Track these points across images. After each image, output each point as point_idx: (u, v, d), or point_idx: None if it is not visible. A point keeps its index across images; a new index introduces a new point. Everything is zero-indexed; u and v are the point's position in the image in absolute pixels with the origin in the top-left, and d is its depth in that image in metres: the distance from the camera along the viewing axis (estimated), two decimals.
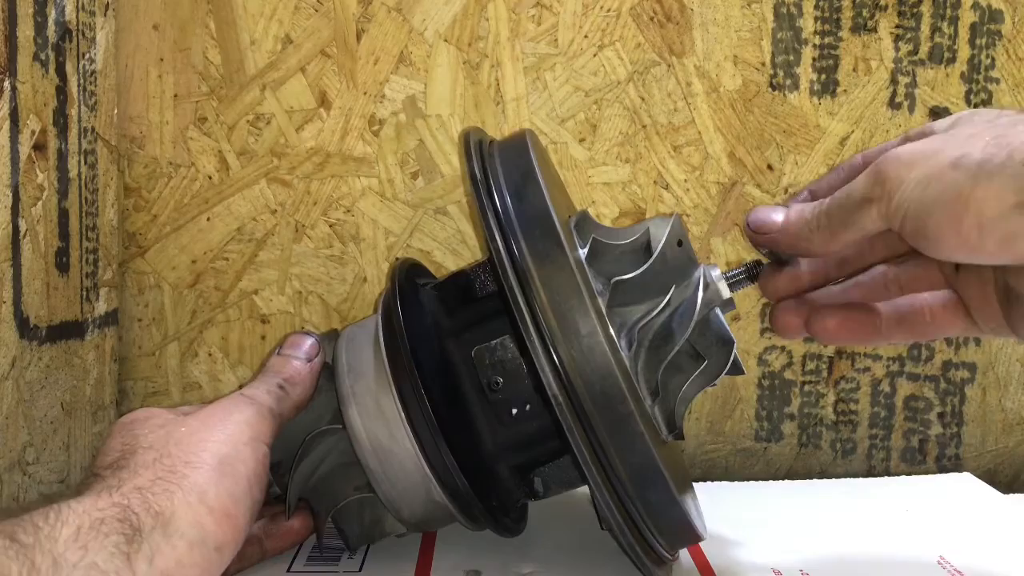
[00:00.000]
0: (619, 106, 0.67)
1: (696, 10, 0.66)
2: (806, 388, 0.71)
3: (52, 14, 0.54)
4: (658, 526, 0.43)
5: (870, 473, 0.72)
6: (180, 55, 0.65)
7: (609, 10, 0.66)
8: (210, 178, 0.66)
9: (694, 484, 0.54)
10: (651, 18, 0.67)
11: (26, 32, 0.51)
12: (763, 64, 0.68)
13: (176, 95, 0.66)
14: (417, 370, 0.46)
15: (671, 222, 0.46)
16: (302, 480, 0.49)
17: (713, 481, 0.68)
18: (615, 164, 0.68)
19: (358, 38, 0.66)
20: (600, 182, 0.68)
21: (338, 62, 0.66)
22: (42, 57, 0.53)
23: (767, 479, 0.70)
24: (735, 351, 0.45)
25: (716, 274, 0.46)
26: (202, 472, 0.39)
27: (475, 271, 0.52)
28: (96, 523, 0.35)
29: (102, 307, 0.62)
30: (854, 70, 0.68)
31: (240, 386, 0.48)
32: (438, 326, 0.50)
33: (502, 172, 0.45)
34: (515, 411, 0.47)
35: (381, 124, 0.67)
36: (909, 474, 0.71)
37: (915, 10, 0.67)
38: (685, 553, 0.52)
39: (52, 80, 0.54)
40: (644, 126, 0.68)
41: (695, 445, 0.71)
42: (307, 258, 0.68)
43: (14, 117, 0.50)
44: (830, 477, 0.71)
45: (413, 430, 0.46)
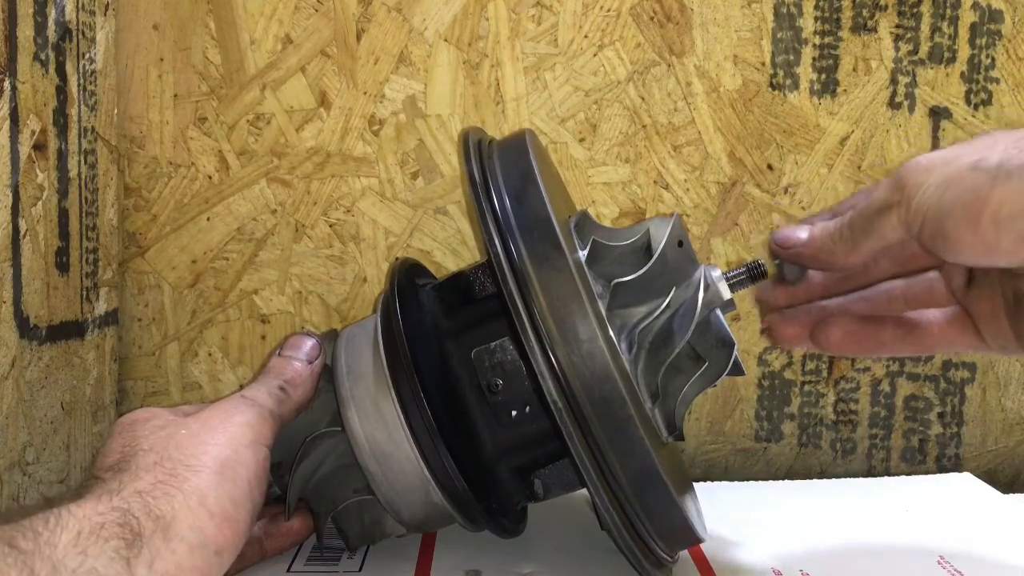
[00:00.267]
0: (619, 106, 0.67)
1: (696, 10, 0.66)
2: (806, 388, 0.71)
3: (52, 14, 0.54)
4: (657, 529, 0.43)
5: (870, 473, 0.72)
6: (180, 55, 0.65)
7: (609, 10, 0.66)
8: (210, 178, 0.66)
9: (694, 484, 0.54)
10: (651, 18, 0.67)
11: (26, 32, 0.51)
12: (763, 64, 0.67)
13: (176, 95, 0.66)
14: (416, 372, 0.46)
15: (671, 223, 0.45)
16: (302, 481, 0.49)
17: (713, 481, 0.68)
18: (615, 164, 0.68)
19: (358, 38, 0.66)
20: (600, 182, 0.68)
21: (338, 62, 0.66)
22: (42, 57, 0.53)
23: (767, 479, 0.70)
24: (736, 352, 0.45)
25: (716, 275, 0.46)
26: (203, 475, 0.39)
27: (475, 272, 0.52)
28: (96, 528, 0.35)
29: (102, 307, 0.62)
30: (854, 70, 0.68)
31: (240, 387, 0.48)
32: (437, 327, 0.50)
33: (501, 174, 0.45)
34: (515, 413, 0.47)
35: (381, 124, 0.67)
36: (909, 474, 0.71)
37: (915, 10, 0.67)
38: (685, 553, 0.52)
39: (52, 80, 0.54)
40: (644, 126, 0.68)
41: (695, 445, 0.71)
42: (307, 258, 0.68)
43: (14, 117, 0.50)
44: (830, 477, 0.71)
45: (412, 433, 0.46)
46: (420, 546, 0.54)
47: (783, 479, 0.71)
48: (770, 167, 0.69)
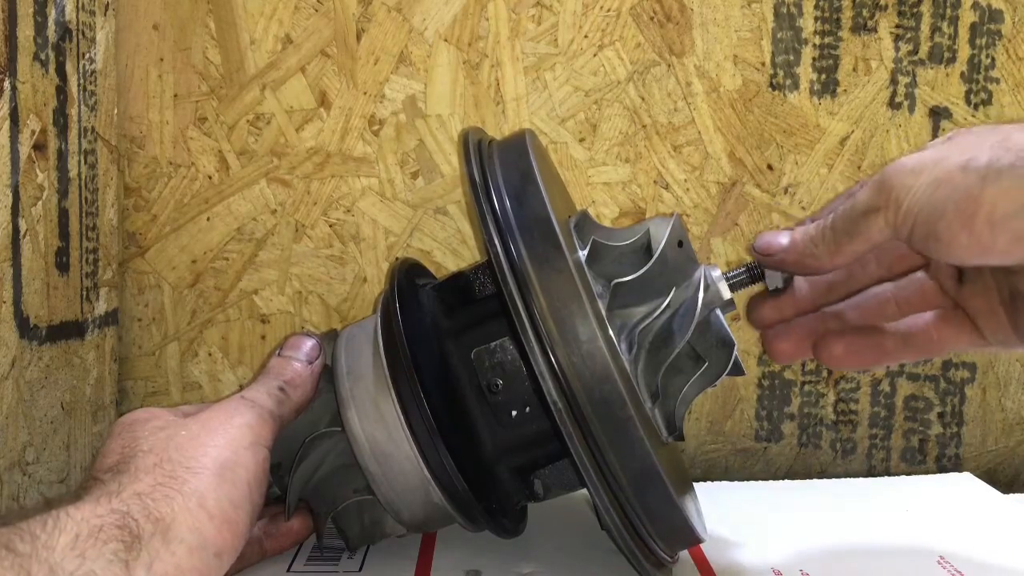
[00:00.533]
0: (619, 106, 0.67)
1: (696, 10, 0.66)
2: (806, 388, 0.71)
3: (52, 14, 0.54)
4: (657, 530, 0.43)
5: (870, 473, 0.72)
6: (180, 55, 0.65)
7: (609, 10, 0.66)
8: (210, 178, 0.66)
9: (694, 484, 0.54)
10: (651, 18, 0.67)
11: (26, 32, 0.51)
12: (763, 64, 0.67)
13: (176, 95, 0.66)
14: (416, 372, 0.46)
15: (671, 222, 0.45)
16: (301, 482, 0.49)
17: (713, 481, 0.68)
18: (615, 164, 0.68)
19: (358, 38, 0.66)
20: (600, 182, 0.68)
21: (338, 62, 0.66)
22: (42, 57, 0.53)
23: (767, 479, 0.70)
24: (736, 352, 0.45)
25: (716, 275, 0.46)
26: (202, 477, 0.39)
27: (475, 272, 0.52)
28: (94, 530, 0.35)
29: (102, 307, 0.62)
30: (854, 70, 0.68)
31: (240, 387, 0.48)
32: (437, 327, 0.50)
33: (501, 174, 0.45)
34: (515, 413, 0.47)
35: (381, 124, 0.67)
36: (909, 474, 0.71)
37: (915, 10, 0.67)
38: (685, 553, 0.52)
39: (52, 80, 0.54)
40: (644, 126, 0.68)
41: (695, 445, 0.71)
42: (307, 258, 0.68)
43: (14, 117, 0.50)
44: (830, 477, 0.71)
45: (412, 433, 0.46)
46: (420, 546, 0.54)
47: (783, 479, 0.71)
48: (770, 167, 0.69)
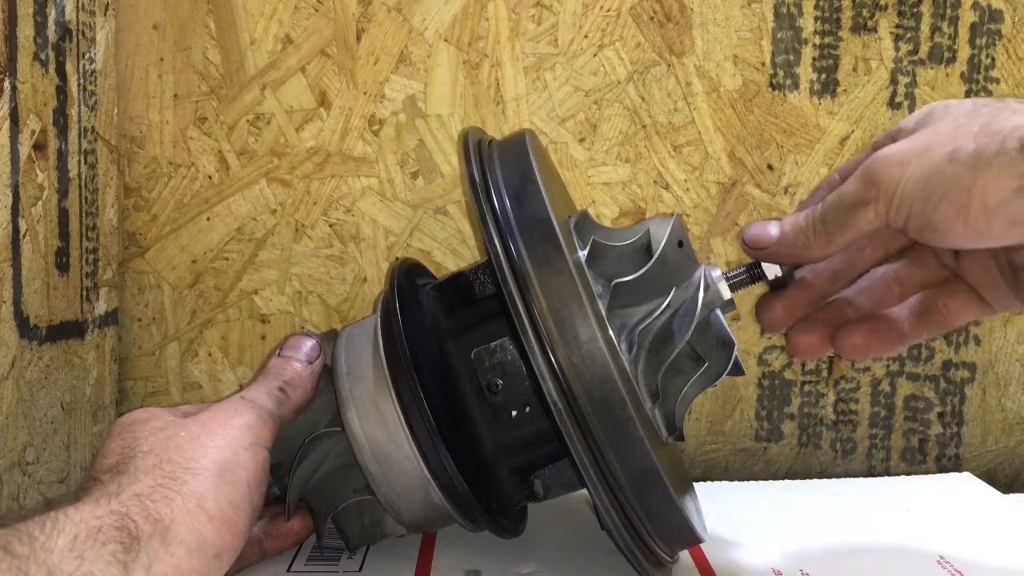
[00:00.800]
0: (619, 106, 0.67)
1: (696, 10, 0.66)
2: (806, 388, 0.71)
3: (52, 14, 0.54)
4: (657, 529, 0.43)
5: (870, 473, 0.72)
6: (180, 55, 0.65)
7: (609, 10, 0.66)
8: (210, 178, 0.66)
9: (694, 484, 0.54)
10: (651, 18, 0.67)
11: (26, 32, 0.51)
12: (763, 64, 0.67)
13: (176, 95, 0.66)
14: (416, 372, 0.46)
15: (671, 222, 0.45)
16: (301, 482, 0.49)
17: (713, 481, 0.68)
18: (615, 164, 0.68)
19: (358, 38, 0.66)
20: (600, 182, 0.68)
21: (338, 62, 0.66)
22: (42, 57, 0.53)
23: (767, 479, 0.70)
24: (736, 352, 0.45)
25: (716, 275, 0.46)
26: (202, 478, 0.39)
27: (475, 272, 0.52)
28: (93, 531, 0.35)
29: (102, 307, 0.62)
30: (854, 70, 0.68)
31: (240, 387, 0.48)
32: (437, 327, 0.50)
33: (501, 174, 0.45)
34: (515, 413, 0.47)
35: (381, 124, 0.67)
36: (909, 474, 0.71)
37: (915, 10, 0.67)
38: (685, 553, 0.52)
39: (52, 80, 0.54)
40: (644, 126, 0.68)
41: (695, 445, 0.71)
42: (307, 258, 0.68)
43: (14, 117, 0.50)
44: (830, 477, 0.71)
45: (412, 433, 0.46)
46: (420, 546, 0.54)
47: (783, 479, 0.71)
48: (770, 167, 0.69)
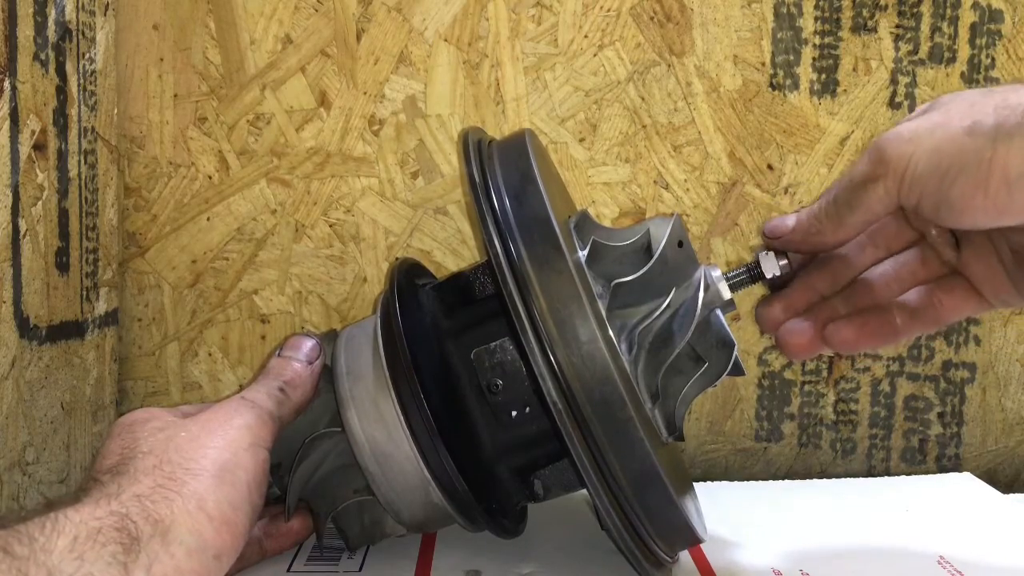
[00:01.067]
0: (619, 106, 0.67)
1: (696, 10, 0.66)
2: (806, 388, 0.71)
3: (52, 14, 0.54)
4: (657, 530, 0.43)
5: (870, 473, 0.72)
6: (180, 55, 0.65)
7: (609, 10, 0.66)
8: (210, 178, 0.66)
9: (694, 484, 0.54)
10: (651, 18, 0.67)
11: (26, 32, 0.51)
12: (763, 64, 0.67)
13: (176, 95, 0.66)
14: (416, 372, 0.46)
15: (671, 223, 0.45)
16: (301, 482, 0.49)
17: (713, 481, 0.68)
18: (615, 164, 0.68)
19: (358, 38, 0.66)
20: (600, 182, 0.68)
21: (338, 62, 0.66)
22: (42, 57, 0.53)
23: (767, 479, 0.70)
24: (736, 353, 0.45)
25: (716, 275, 0.46)
26: (202, 479, 0.39)
27: (475, 272, 0.52)
28: (93, 532, 0.35)
29: (102, 307, 0.62)
30: (854, 70, 0.68)
31: (240, 387, 0.48)
32: (437, 327, 0.50)
33: (501, 174, 0.45)
34: (515, 413, 0.47)
35: (381, 124, 0.67)
36: (909, 474, 0.71)
37: (915, 10, 0.67)
38: (685, 553, 0.52)
39: (52, 80, 0.54)
40: (644, 126, 0.68)
41: (695, 445, 0.71)
42: (307, 258, 0.68)
43: (14, 117, 0.50)
44: (830, 477, 0.71)
45: (412, 433, 0.46)
46: (420, 546, 0.54)
47: (783, 479, 0.71)
48: (770, 167, 0.69)
